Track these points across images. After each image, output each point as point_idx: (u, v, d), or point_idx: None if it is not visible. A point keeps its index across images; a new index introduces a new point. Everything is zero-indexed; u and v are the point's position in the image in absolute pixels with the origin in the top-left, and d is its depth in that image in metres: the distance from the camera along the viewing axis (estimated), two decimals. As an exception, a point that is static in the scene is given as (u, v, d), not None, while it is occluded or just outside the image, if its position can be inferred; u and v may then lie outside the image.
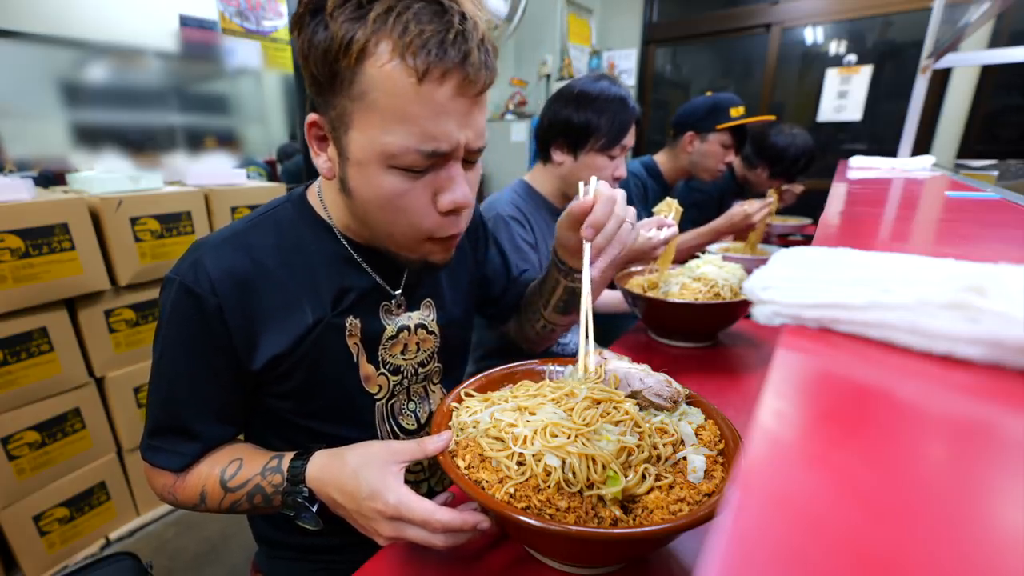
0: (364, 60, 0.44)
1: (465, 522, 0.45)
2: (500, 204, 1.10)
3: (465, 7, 0.46)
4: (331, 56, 0.44)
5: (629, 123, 1.08)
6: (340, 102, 0.47)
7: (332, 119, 0.49)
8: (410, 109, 0.45)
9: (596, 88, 1.07)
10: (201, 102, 1.87)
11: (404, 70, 0.44)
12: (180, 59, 1.76)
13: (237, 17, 1.87)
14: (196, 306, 0.52)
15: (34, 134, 1.50)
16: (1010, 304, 0.22)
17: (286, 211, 0.60)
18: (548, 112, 1.11)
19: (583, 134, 1.07)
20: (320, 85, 0.47)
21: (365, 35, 0.43)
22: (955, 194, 0.86)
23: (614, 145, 1.07)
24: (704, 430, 0.52)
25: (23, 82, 1.45)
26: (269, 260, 0.56)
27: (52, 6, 1.47)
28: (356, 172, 0.50)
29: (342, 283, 0.59)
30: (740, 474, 0.16)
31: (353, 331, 0.60)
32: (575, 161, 1.10)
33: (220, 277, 0.53)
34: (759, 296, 0.29)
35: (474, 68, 0.46)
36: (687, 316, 0.98)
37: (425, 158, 0.48)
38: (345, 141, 0.49)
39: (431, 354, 0.69)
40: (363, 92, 0.45)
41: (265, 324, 0.55)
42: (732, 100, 1.52)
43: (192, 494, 0.57)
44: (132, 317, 1.43)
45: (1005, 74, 2.47)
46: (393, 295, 0.64)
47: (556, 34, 3.30)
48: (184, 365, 0.55)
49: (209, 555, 1.44)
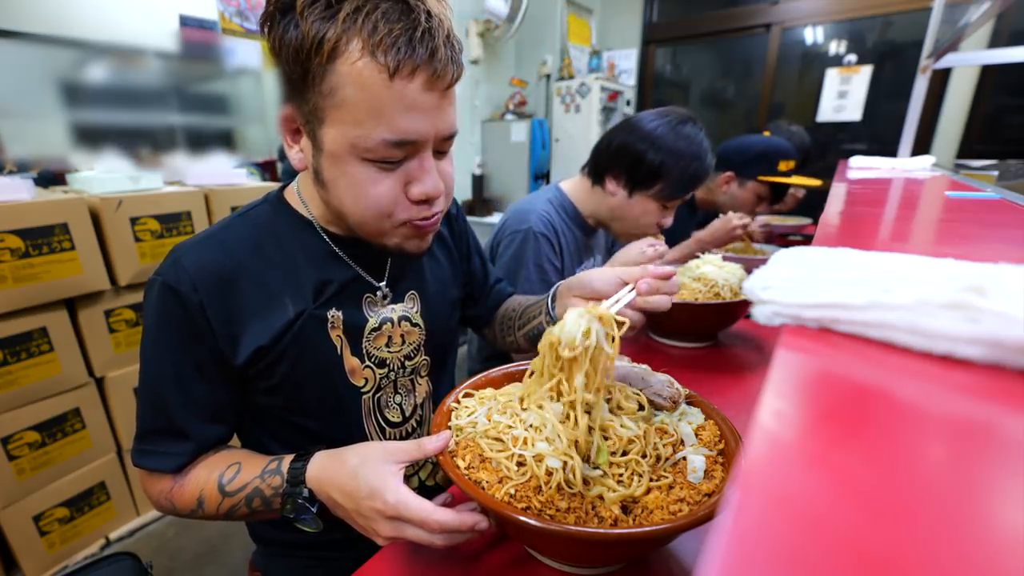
0: (335, 58, 0.46)
1: (463, 523, 0.45)
2: (533, 218, 1.03)
3: (430, 5, 0.47)
4: (303, 55, 0.46)
5: (701, 180, 1.01)
6: (313, 98, 0.48)
7: (305, 113, 0.50)
8: (381, 104, 0.47)
9: (679, 132, 0.97)
10: (201, 102, 1.87)
11: (375, 67, 0.45)
12: (180, 59, 1.76)
13: (237, 17, 1.87)
14: (179, 304, 0.53)
15: (34, 134, 1.50)
16: (1010, 304, 0.22)
17: (263, 211, 0.61)
18: (619, 137, 1.01)
19: (650, 177, 0.98)
20: (292, 82, 0.49)
21: (336, 34, 0.45)
22: (955, 194, 0.86)
23: (676, 197, 1.01)
24: (704, 430, 0.52)
25: (23, 82, 1.45)
26: (248, 256, 0.57)
27: (52, 6, 1.47)
28: (330, 164, 0.52)
29: (323, 276, 0.60)
30: (740, 474, 0.16)
31: (336, 323, 0.61)
32: (628, 198, 1.02)
33: (200, 274, 0.54)
34: (759, 296, 0.29)
35: (441, 64, 0.48)
36: (687, 316, 0.98)
37: (397, 149, 0.50)
38: (319, 134, 0.50)
39: (417, 347, 0.69)
40: (334, 88, 0.47)
41: (246, 318, 0.56)
42: (785, 151, 1.39)
43: (189, 499, 0.56)
44: (132, 317, 1.43)
45: (1005, 74, 2.47)
46: (377, 287, 0.64)
47: (556, 34, 3.30)
48: (171, 364, 0.55)
49: (209, 555, 1.44)
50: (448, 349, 0.77)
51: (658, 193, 1.00)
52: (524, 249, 1.01)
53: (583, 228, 1.13)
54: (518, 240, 1.02)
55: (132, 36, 1.63)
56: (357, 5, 0.45)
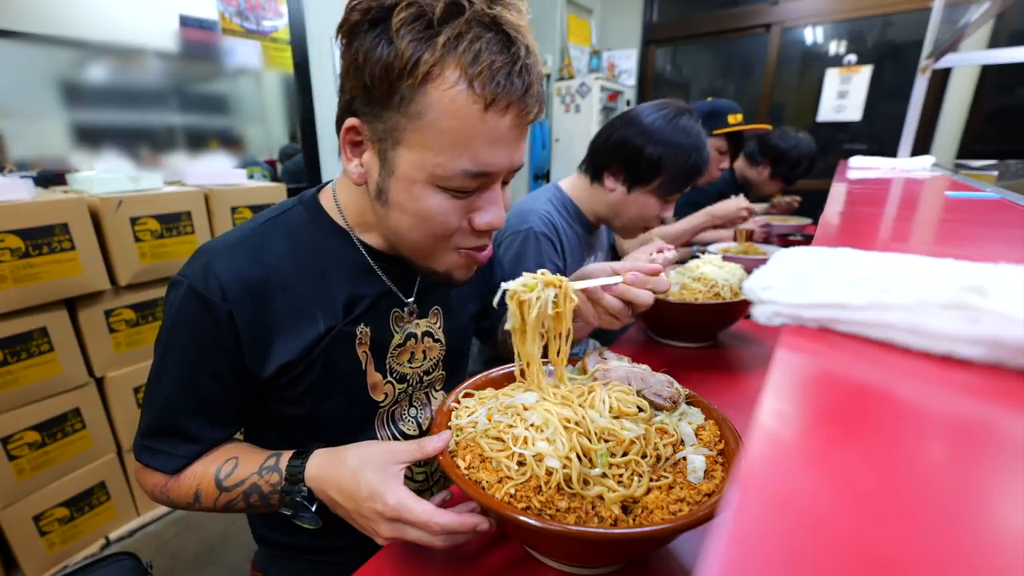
0: (428, 82, 0.44)
1: (464, 524, 0.45)
2: (534, 218, 1.03)
3: (529, 40, 0.46)
4: (393, 73, 0.44)
5: (700, 172, 0.99)
6: (392, 117, 0.47)
7: (379, 130, 0.49)
8: (470, 134, 0.46)
9: (676, 125, 0.96)
10: (201, 102, 1.87)
11: (470, 97, 0.44)
12: (180, 59, 1.76)
13: (237, 17, 1.87)
14: (204, 311, 0.51)
15: (34, 134, 1.50)
16: (1010, 304, 0.22)
17: (298, 215, 0.59)
18: (616, 132, 0.99)
19: (648, 172, 0.97)
20: (371, 96, 0.47)
21: (433, 58, 0.43)
22: (955, 194, 0.86)
23: (675, 192, 1.01)
24: (704, 430, 0.52)
25: (23, 82, 1.45)
26: (282, 265, 0.55)
27: (52, 6, 1.47)
28: (401, 187, 0.50)
29: (355, 290, 0.59)
30: (740, 474, 0.16)
31: (363, 339, 0.60)
32: (627, 194, 1.01)
33: (231, 283, 0.52)
34: (759, 296, 0.29)
35: (533, 100, 0.47)
36: (687, 316, 0.98)
37: (473, 180, 0.49)
38: (392, 155, 0.49)
39: (436, 362, 0.69)
40: (421, 112, 0.45)
41: (277, 331, 0.55)
42: (731, 107, 1.51)
43: (186, 493, 0.56)
44: (132, 317, 1.43)
45: (1005, 74, 2.47)
46: (406, 302, 0.63)
47: (556, 34, 3.30)
48: (186, 369, 0.54)
49: (209, 555, 1.44)
50: (463, 362, 0.77)
51: (658, 188, 0.99)
52: (525, 249, 1.01)
53: (585, 226, 1.13)
54: (519, 241, 1.02)
55: (132, 36, 1.63)
56: (459, 31, 0.43)
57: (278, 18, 1.99)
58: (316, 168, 2.22)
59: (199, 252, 0.55)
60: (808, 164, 1.87)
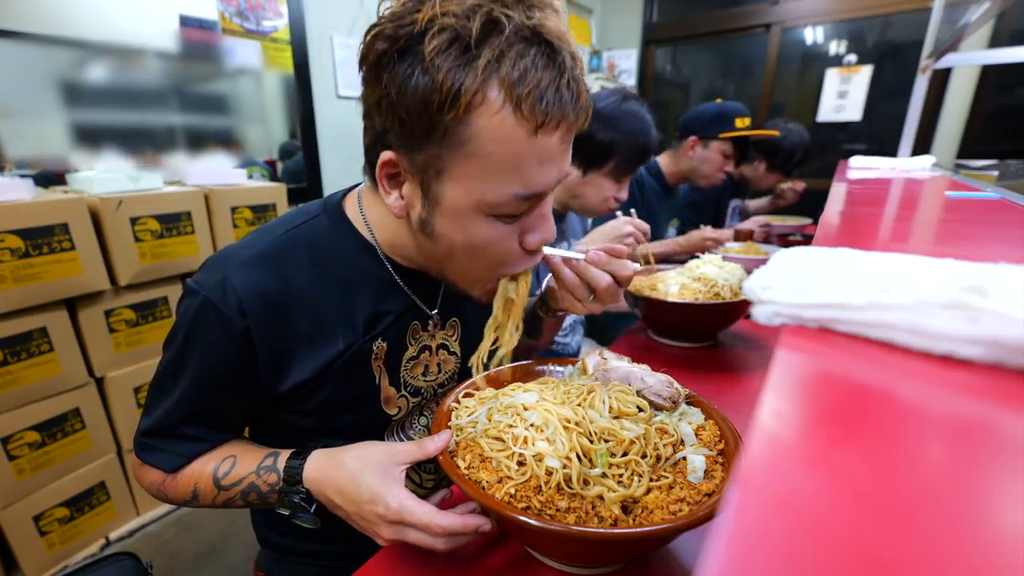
0: (471, 111, 0.41)
1: (466, 526, 0.45)
2: None
3: (573, 48, 0.43)
4: (433, 107, 0.41)
5: (649, 153, 1.04)
6: (432, 149, 0.44)
7: (418, 162, 0.46)
8: (519, 159, 0.44)
9: (625, 110, 1.02)
10: (201, 102, 1.86)
11: (517, 121, 0.42)
12: (180, 59, 1.76)
13: (237, 17, 1.87)
14: (220, 324, 0.50)
15: (34, 134, 1.49)
16: (1010, 304, 0.22)
17: (321, 225, 0.57)
18: None
19: (601, 155, 1.02)
20: (408, 129, 0.43)
21: (475, 84, 0.40)
22: (955, 194, 0.86)
23: (628, 173, 1.05)
24: (704, 430, 0.52)
25: (23, 82, 1.45)
26: (303, 280, 0.53)
27: (52, 6, 1.47)
28: (447, 220, 0.48)
29: (377, 307, 0.57)
30: (740, 474, 0.16)
31: (379, 354, 0.59)
32: (582, 177, 1.05)
33: (250, 298, 0.50)
34: (759, 296, 0.29)
35: (581, 111, 0.45)
36: (687, 316, 0.98)
37: (524, 203, 0.47)
38: (436, 188, 0.46)
39: (451, 375, 0.68)
40: (465, 141, 0.43)
41: (295, 348, 0.53)
42: (739, 110, 1.53)
43: (184, 491, 0.56)
44: (132, 317, 1.43)
45: (1005, 74, 2.47)
46: (430, 315, 0.63)
47: (556, 34, 3.30)
48: (196, 377, 0.53)
49: (209, 555, 1.44)
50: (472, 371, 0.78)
51: (612, 171, 1.04)
52: None
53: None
54: None
55: (132, 36, 1.63)
56: (500, 50, 0.40)
57: (278, 18, 1.99)
58: (316, 168, 2.22)
59: (217, 260, 0.53)
60: (803, 153, 1.88)
